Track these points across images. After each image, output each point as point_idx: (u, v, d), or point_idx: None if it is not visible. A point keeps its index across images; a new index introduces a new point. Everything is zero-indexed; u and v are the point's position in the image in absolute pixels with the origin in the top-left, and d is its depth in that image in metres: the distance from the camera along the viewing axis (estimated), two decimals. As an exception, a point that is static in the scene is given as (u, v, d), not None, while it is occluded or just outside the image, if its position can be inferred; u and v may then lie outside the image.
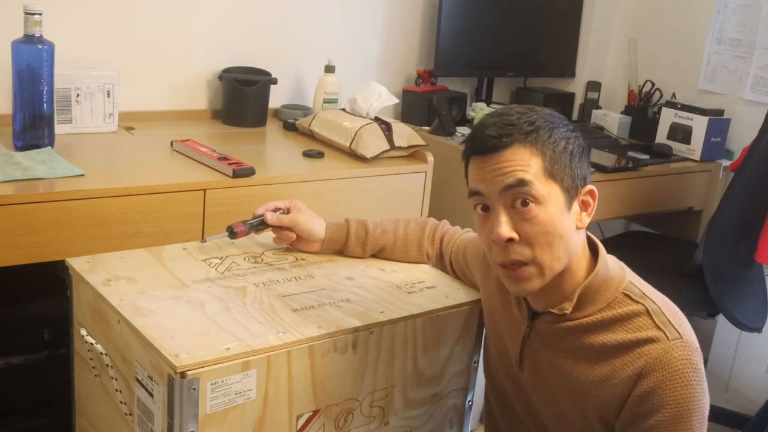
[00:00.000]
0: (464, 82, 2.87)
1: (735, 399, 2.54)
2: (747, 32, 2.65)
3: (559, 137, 1.09)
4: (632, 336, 1.08)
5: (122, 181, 1.66)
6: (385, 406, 1.26)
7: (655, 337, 1.07)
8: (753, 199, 2.11)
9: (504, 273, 1.11)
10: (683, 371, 1.05)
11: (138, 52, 2.18)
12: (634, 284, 1.13)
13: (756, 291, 2.28)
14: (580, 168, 1.11)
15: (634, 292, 1.12)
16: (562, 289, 1.13)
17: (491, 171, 1.08)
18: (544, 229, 1.07)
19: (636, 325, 1.09)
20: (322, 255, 1.45)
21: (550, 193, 1.07)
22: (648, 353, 1.06)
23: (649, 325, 1.08)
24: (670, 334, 1.07)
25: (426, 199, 2.12)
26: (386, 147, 2.06)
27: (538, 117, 1.10)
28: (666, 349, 1.05)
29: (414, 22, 2.69)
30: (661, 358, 1.05)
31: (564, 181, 1.09)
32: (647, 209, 2.55)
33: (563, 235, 1.08)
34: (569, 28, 2.99)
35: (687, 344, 1.06)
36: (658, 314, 1.09)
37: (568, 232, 1.09)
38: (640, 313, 1.09)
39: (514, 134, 1.07)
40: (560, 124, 1.11)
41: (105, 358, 1.20)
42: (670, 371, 1.05)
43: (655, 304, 1.10)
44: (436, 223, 1.48)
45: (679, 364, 1.05)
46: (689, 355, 1.06)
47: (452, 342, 1.32)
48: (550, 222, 1.07)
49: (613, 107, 2.98)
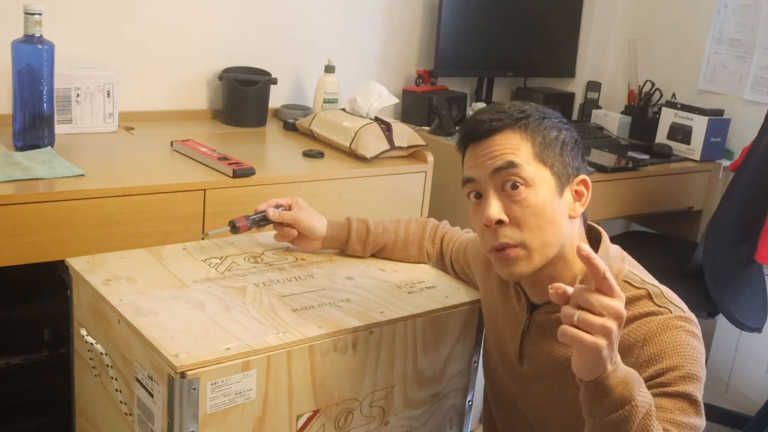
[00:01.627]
0: (464, 82, 2.87)
1: (735, 399, 2.54)
2: (747, 32, 2.65)
3: (550, 126, 1.13)
4: (635, 312, 1.09)
5: (122, 181, 1.66)
6: (385, 406, 1.26)
7: (657, 311, 1.08)
8: (753, 199, 2.11)
9: (494, 256, 1.13)
10: (684, 338, 1.06)
11: (138, 52, 2.18)
12: (633, 272, 1.14)
13: (756, 291, 2.28)
14: (573, 158, 1.13)
15: (635, 279, 1.13)
16: (559, 278, 1.13)
17: (482, 156, 1.11)
18: (534, 211, 1.09)
19: (638, 306, 1.10)
20: (322, 255, 1.45)
21: (540, 176, 1.09)
22: (650, 322, 1.08)
23: (651, 304, 1.10)
24: (673, 310, 1.08)
25: (426, 199, 2.12)
26: (386, 147, 2.06)
27: (530, 107, 1.14)
28: (668, 318, 1.07)
29: (414, 22, 2.69)
30: (662, 324, 1.07)
31: (554, 166, 1.11)
32: (647, 209, 2.55)
33: (553, 220, 1.10)
34: (569, 28, 2.99)
35: (689, 318, 1.08)
36: (659, 296, 1.10)
37: (559, 218, 1.10)
38: (642, 297, 1.11)
39: (504, 120, 1.11)
40: (552, 116, 1.15)
41: (105, 358, 1.20)
42: (671, 335, 1.06)
43: (656, 288, 1.12)
44: (437, 224, 1.49)
45: (680, 331, 1.06)
46: (690, 327, 1.07)
47: (452, 342, 1.32)
48: (540, 205, 1.09)
49: (613, 107, 2.98)
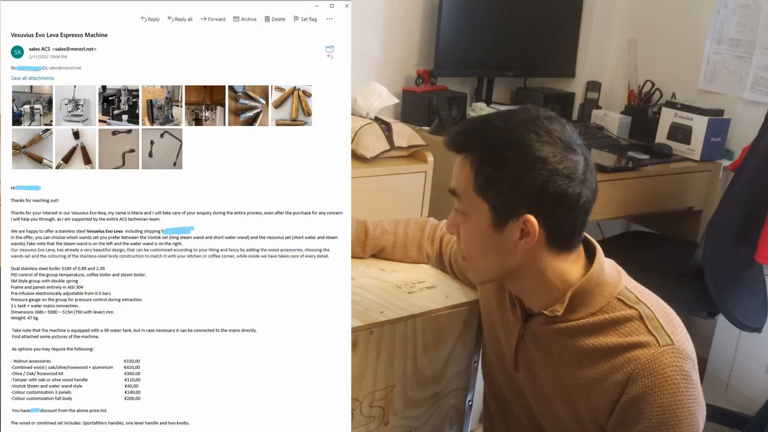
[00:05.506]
0: (464, 82, 2.87)
1: (735, 399, 2.54)
2: (747, 32, 2.65)
3: (516, 165, 1.04)
4: (623, 340, 1.07)
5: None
6: (385, 406, 1.26)
7: (645, 342, 1.05)
8: (753, 199, 2.11)
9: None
10: (672, 378, 1.03)
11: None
12: (629, 289, 1.12)
13: (756, 291, 2.28)
14: (532, 202, 1.05)
15: (629, 297, 1.10)
16: (551, 291, 1.12)
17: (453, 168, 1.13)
18: (465, 238, 1.13)
19: (628, 330, 1.07)
20: (322, 255, 1.45)
21: (475, 209, 1.09)
22: (637, 359, 1.05)
23: (641, 330, 1.07)
24: (661, 340, 1.05)
25: (426, 199, 2.12)
26: (386, 147, 2.06)
27: (507, 135, 1.06)
28: (655, 354, 1.04)
29: (414, 22, 2.69)
30: (649, 364, 1.04)
31: (497, 202, 1.07)
32: (647, 209, 2.55)
33: (484, 251, 1.11)
34: (569, 28, 2.99)
35: (678, 351, 1.05)
36: (651, 319, 1.07)
37: (493, 251, 1.10)
38: (632, 318, 1.08)
39: (464, 142, 1.10)
40: (535, 156, 1.04)
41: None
42: (658, 378, 1.03)
43: (649, 309, 1.09)
44: (436, 224, 1.48)
45: (668, 370, 1.03)
46: (679, 362, 1.04)
47: (452, 342, 1.32)
48: (471, 235, 1.11)
49: (613, 107, 2.98)
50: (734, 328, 2.32)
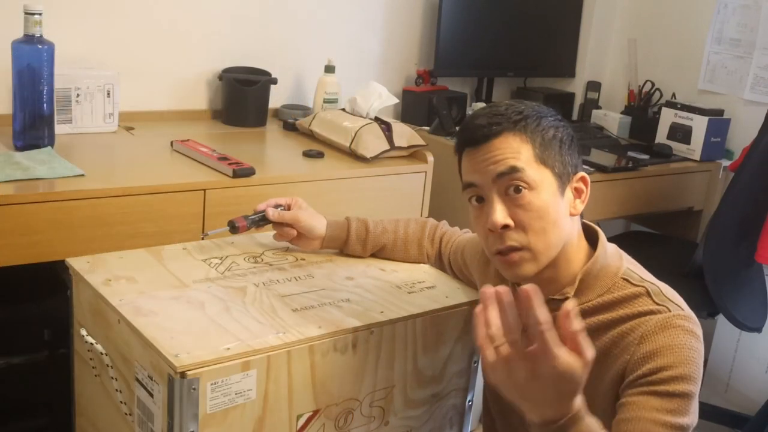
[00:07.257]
0: (464, 82, 2.87)
1: (735, 399, 2.54)
2: (747, 32, 2.65)
3: (547, 125, 1.12)
4: (634, 310, 1.10)
5: (122, 181, 1.66)
6: (385, 406, 1.26)
7: (656, 309, 1.09)
8: (753, 199, 2.11)
9: (499, 260, 1.13)
10: (681, 336, 1.06)
11: (138, 52, 2.18)
12: (632, 270, 1.15)
13: (756, 291, 2.28)
14: (570, 155, 1.13)
15: (633, 277, 1.13)
16: (559, 277, 1.14)
17: (483, 161, 1.10)
18: (538, 214, 1.09)
19: (637, 304, 1.10)
20: (322, 255, 1.45)
21: (543, 178, 1.09)
22: (648, 321, 1.08)
23: (650, 302, 1.10)
24: (672, 309, 1.09)
25: (426, 199, 2.12)
26: (386, 147, 2.07)
27: (526, 107, 1.13)
28: (667, 317, 1.07)
29: (414, 22, 2.69)
30: (661, 323, 1.07)
31: (555, 167, 1.11)
32: (647, 209, 2.55)
33: (556, 221, 1.10)
34: (569, 28, 2.99)
35: (688, 317, 1.08)
36: (658, 294, 1.11)
37: (561, 218, 1.11)
38: (640, 294, 1.11)
39: (503, 123, 1.10)
40: (548, 113, 1.14)
41: (105, 358, 1.20)
42: (669, 334, 1.06)
43: (655, 286, 1.12)
44: (436, 223, 1.49)
45: (679, 329, 1.06)
46: (690, 325, 1.07)
47: (452, 342, 1.32)
48: (544, 207, 1.09)
49: (613, 107, 2.98)
50: (734, 328, 2.32)
